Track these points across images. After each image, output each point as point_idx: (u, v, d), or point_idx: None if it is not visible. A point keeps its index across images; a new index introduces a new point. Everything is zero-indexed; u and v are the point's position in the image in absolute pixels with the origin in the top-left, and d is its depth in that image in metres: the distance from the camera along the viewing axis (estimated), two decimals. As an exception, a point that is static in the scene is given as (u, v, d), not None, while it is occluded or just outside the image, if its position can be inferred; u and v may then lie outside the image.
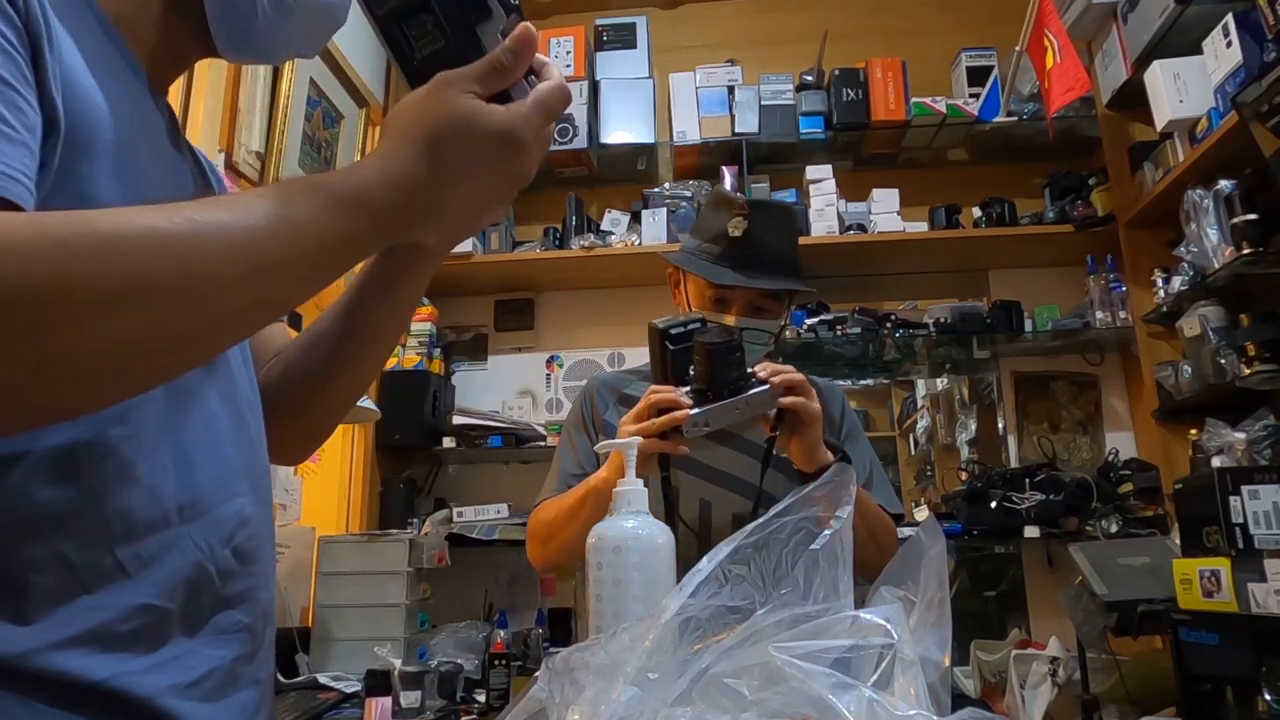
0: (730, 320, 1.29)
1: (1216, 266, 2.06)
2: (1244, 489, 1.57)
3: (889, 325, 2.68)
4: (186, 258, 0.44)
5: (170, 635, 0.57)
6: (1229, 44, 1.96)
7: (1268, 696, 1.43)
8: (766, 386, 1.06)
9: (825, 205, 2.73)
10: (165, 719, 0.55)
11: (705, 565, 0.56)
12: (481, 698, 2.26)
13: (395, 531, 2.44)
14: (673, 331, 1.11)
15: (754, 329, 1.30)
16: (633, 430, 1.06)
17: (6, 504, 0.50)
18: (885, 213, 2.74)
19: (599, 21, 2.97)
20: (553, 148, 2.78)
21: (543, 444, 2.73)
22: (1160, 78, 2.21)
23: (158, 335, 0.44)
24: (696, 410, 1.04)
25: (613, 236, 2.83)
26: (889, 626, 0.54)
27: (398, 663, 1.99)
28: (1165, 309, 2.38)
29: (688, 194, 2.85)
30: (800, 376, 1.09)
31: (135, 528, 0.55)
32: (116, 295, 0.42)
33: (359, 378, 0.79)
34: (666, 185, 2.93)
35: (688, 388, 1.08)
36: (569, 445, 1.40)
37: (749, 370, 1.07)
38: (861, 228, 2.72)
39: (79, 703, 0.50)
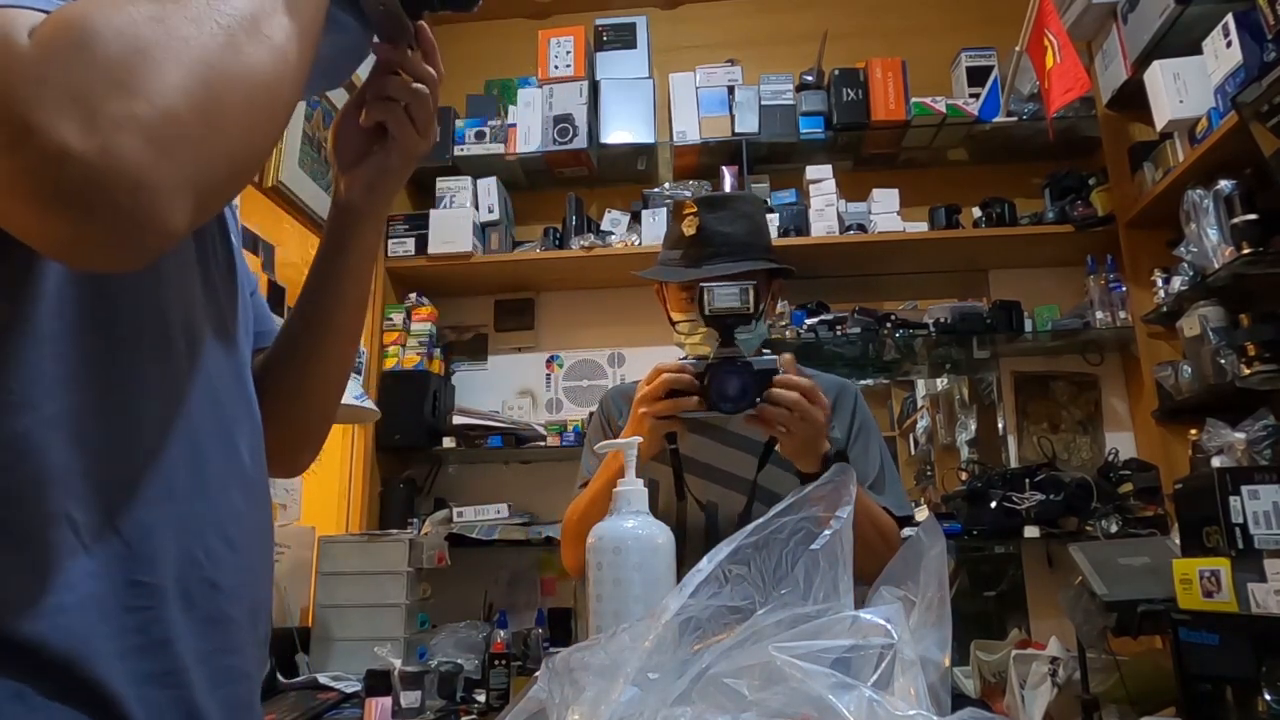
0: None
1: (1216, 266, 2.06)
2: (1244, 489, 1.56)
3: (889, 325, 2.68)
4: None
5: (158, 617, 0.57)
6: (1229, 44, 1.96)
7: (1268, 696, 1.43)
8: (752, 411, 1.08)
9: (825, 205, 2.73)
10: (144, 707, 0.55)
11: (705, 565, 0.56)
12: (481, 698, 2.26)
13: (395, 531, 2.44)
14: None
15: None
16: (646, 411, 1.11)
17: (21, 453, 0.51)
18: (885, 213, 2.74)
19: (599, 21, 2.97)
20: (553, 147, 2.79)
21: (542, 444, 2.73)
22: (1160, 78, 2.20)
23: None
24: (694, 413, 1.09)
25: (613, 236, 2.83)
26: (889, 626, 0.54)
27: (398, 663, 1.99)
28: (1165, 309, 2.38)
29: (688, 194, 2.85)
30: (785, 412, 1.08)
31: (138, 497, 0.56)
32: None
33: (331, 363, 0.82)
34: (666, 185, 2.93)
35: (700, 363, 1.09)
36: (591, 453, 1.41)
37: (764, 371, 1.08)
38: (861, 228, 2.72)
39: (48, 680, 0.51)
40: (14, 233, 0.43)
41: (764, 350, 1.15)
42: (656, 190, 2.89)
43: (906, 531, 1.29)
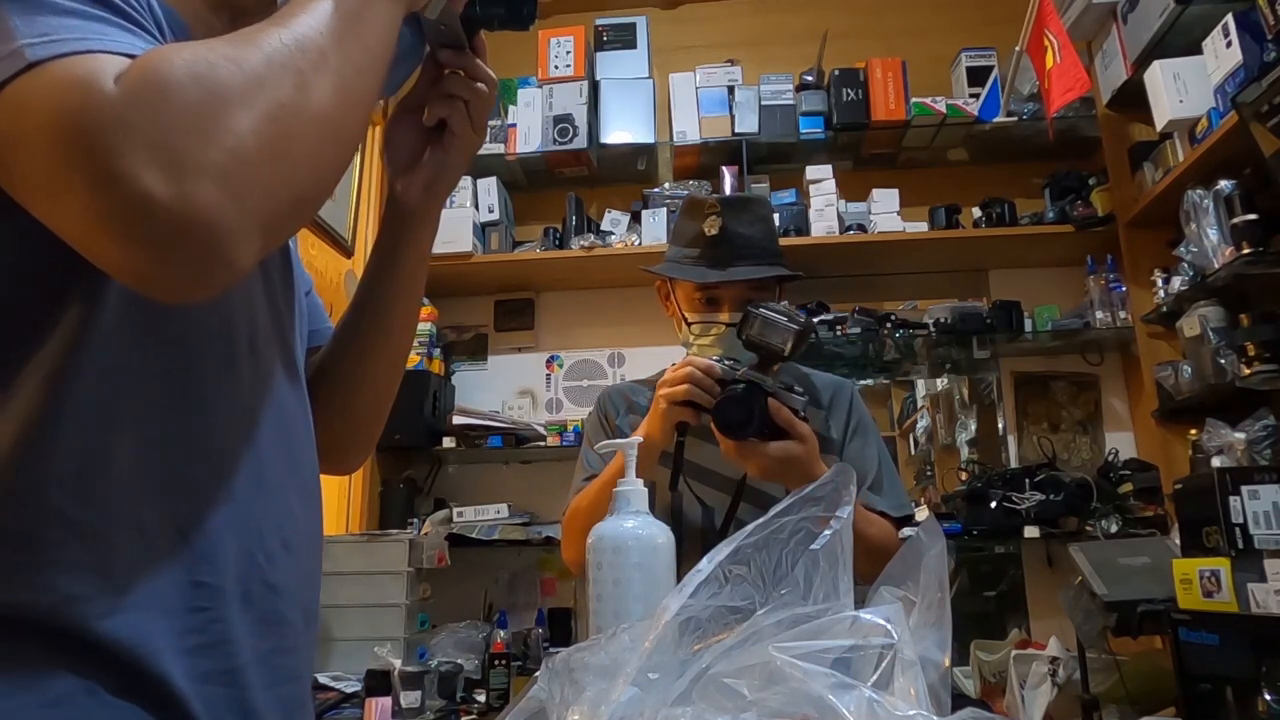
0: (724, 317, 1.30)
1: (1216, 266, 2.06)
2: (1244, 489, 1.56)
3: (889, 325, 2.68)
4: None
5: (219, 617, 0.58)
6: (1229, 44, 1.96)
7: (1268, 696, 1.43)
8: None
9: (825, 205, 2.73)
10: (205, 705, 0.56)
11: (705, 565, 0.56)
12: (481, 698, 2.26)
13: (395, 531, 2.44)
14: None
15: None
16: (664, 395, 1.13)
17: (93, 457, 0.53)
18: (885, 213, 2.74)
19: (599, 21, 2.97)
20: (553, 147, 2.79)
21: (542, 444, 2.73)
22: (1160, 78, 2.20)
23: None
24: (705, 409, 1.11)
25: (613, 236, 2.83)
26: (889, 626, 0.54)
27: (398, 663, 2.00)
28: (1165, 309, 2.37)
29: (687, 192, 2.85)
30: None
31: (202, 501, 0.58)
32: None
33: (385, 362, 0.83)
34: (666, 185, 2.93)
35: (732, 370, 1.11)
36: (591, 452, 1.41)
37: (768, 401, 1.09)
38: (861, 228, 2.72)
39: (116, 676, 0.52)
40: (93, 261, 0.45)
41: (795, 388, 1.15)
42: (656, 190, 2.89)
43: (906, 531, 1.29)
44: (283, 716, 0.63)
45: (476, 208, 2.86)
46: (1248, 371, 2.00)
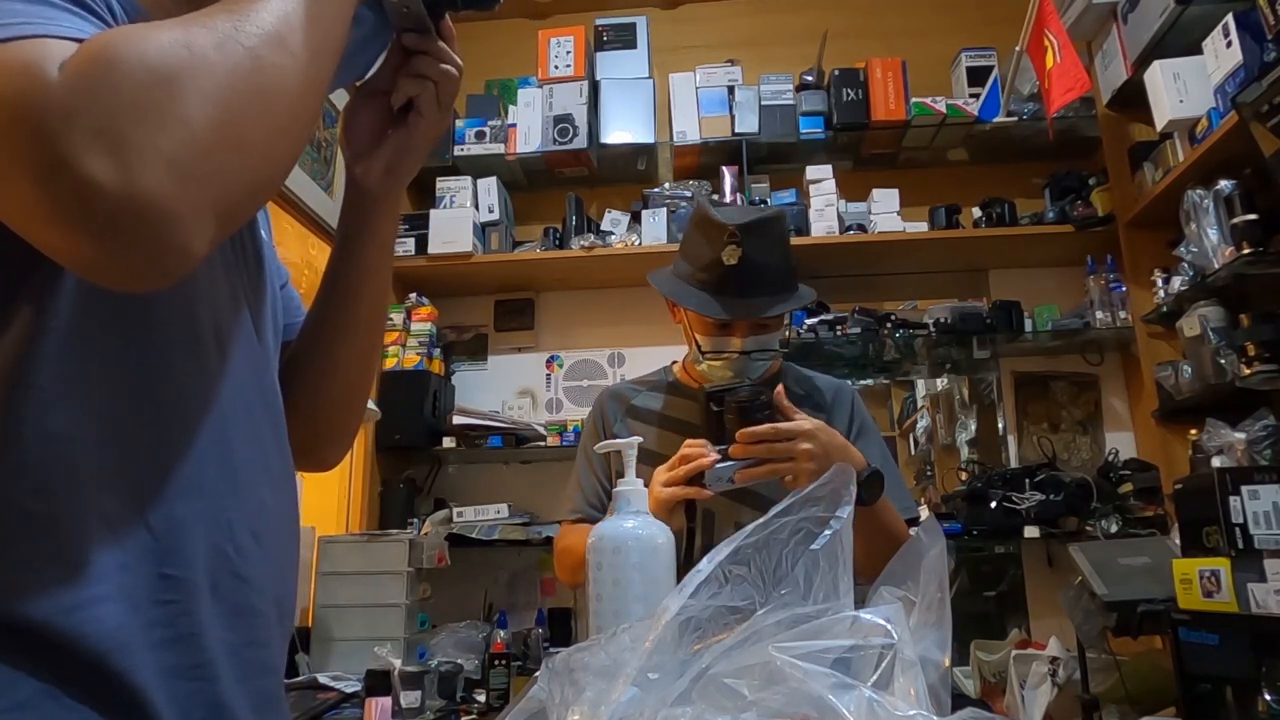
0: (736, 343, 1.29)
1: (1216, 266, 2.06)
2: (1244, 489, 1.56)
3: (889, 325, 2.68)
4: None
5: (187, 610, 0.57)
6: (1229, 44, 1.96)
7: (1268, 696, 1.43)
8: (733, 464, 1.12)
9: (825, 205, 2.73)
10: (171, 700, 0.55)
11: (705, 566, 0.56)
12: (481, 698, 2.26)
13: (395, 531, 2.44)
14: (714, 394, 1.18)
15: (760, 349, 1.31)
16: (664, 480, 1.14)
17: (54, 448, 0.52)
18: (885, 213, 2.74)
19: (599, 21, 2.97)
20: (553, 147, 2.78)
21: (542, 444, 2.73)
22: (1160, 78, 2.20)
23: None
24: (721, 465, 1.11)
25: (613, 236, 2.83)
26: (889, 626, 0.54)
27: (398, 663, 2.00)
28: (1165, 309, 2.38)
29: (688, 194, 2.85)
30: (758, 451, 1.11)
31: (168, 492, 0.57)
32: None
33: (355, 353, 0.81)
34: (666, 185, 2.93)
35: (723, 446, 1.13)
36: (586, 461, 1.41)
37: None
38: (861, 228, 2.72)
39: (79, 676, 0.51)
40: (44, 252, 0.45)
41: None
42: (656, 190, 2.89)
43: (912, 531, 1.29)
44: (255, 710, 0.62)
45: (476, 208, 2.86)
46: (1248, 371, 2.00)
